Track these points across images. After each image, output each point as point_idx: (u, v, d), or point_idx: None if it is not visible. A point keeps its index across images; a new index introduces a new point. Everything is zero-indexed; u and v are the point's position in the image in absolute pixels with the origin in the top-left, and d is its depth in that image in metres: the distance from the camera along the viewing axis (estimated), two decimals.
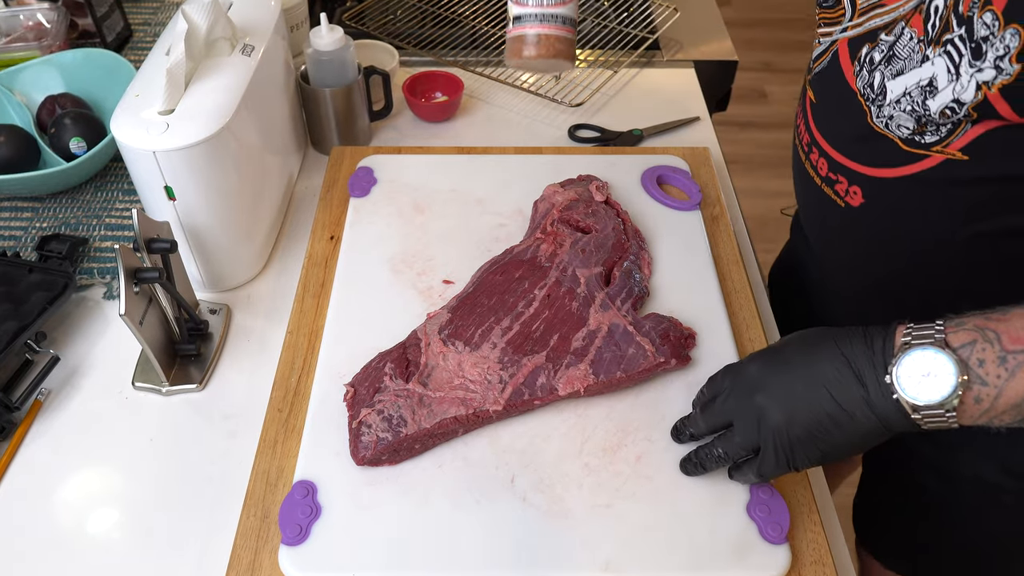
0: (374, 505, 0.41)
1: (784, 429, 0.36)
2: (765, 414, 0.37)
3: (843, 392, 0.35)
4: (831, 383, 0.35)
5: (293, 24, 0.72)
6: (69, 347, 0.52)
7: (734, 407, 0.39)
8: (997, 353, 0.33)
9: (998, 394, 0.33)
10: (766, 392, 0.37)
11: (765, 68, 1.92)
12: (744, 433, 0.38)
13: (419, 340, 0.47)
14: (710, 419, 0.40)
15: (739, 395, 0.39)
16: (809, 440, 0.36)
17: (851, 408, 0.34)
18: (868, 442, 0.36)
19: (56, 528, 0.43)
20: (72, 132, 0.61)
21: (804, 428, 0.36)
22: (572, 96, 0.71)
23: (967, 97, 0.35)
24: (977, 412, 0.33)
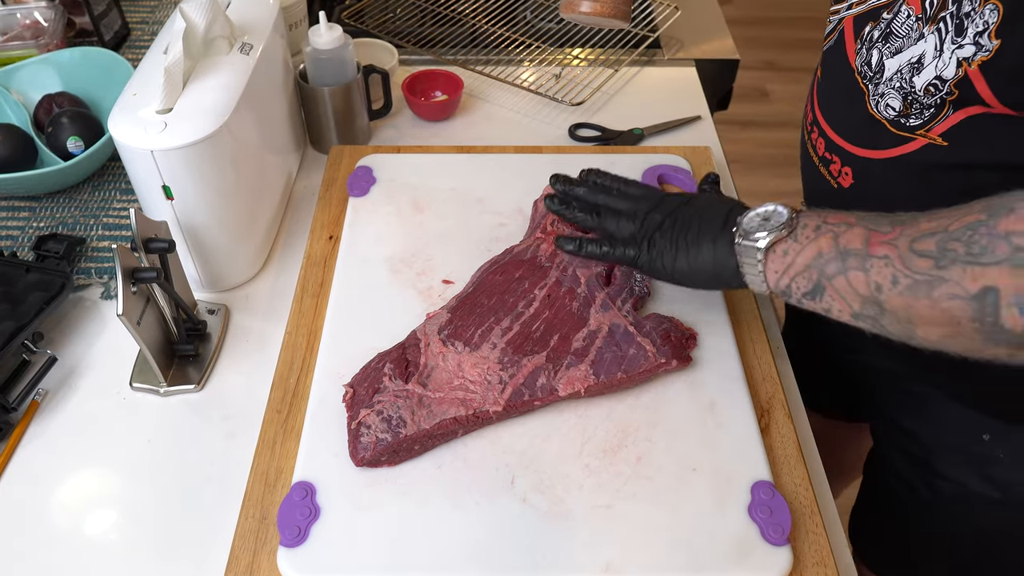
0: (373, 506, 0.41)
1: (655, 226, 0.42)
2: (655, 208, 0.43)
3: (711, 223, 0.41)
4: (708, 216, 0.41)
5: (292, 22, 0.72)
6: (66, 347, 0.52)
7: (640, 199, 0.44)
8: (818, 222, 0.37)
9: (800, 250, 0.37)
10: (667, 204, 0.43)
11: (767, 67, 1.92)
12: (629, 214, 0.44)
13: (418, 340, 0.46)
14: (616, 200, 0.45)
15: (649, 197, 0.45)
16: (661, 243, 0.42)
17: (706, 234, 0.41)
18: (700, 268, 0.41)
19: (54, 529, 0.43)
20: (69, 131, 0.61)
21: (668, 235, 0.42)
22: (572, 95, 0.71)
23: (948, 74, 0.35)
24: (781, 265, 0.38)
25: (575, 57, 0.77)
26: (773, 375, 0.48)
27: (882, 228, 0.35)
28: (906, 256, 0.33)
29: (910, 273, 0.33)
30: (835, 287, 0.36)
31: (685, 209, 0.43)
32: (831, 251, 0.36)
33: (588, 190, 0.47)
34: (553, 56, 0.76)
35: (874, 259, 0.34)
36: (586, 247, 0.45)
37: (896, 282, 0.33)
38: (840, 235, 0.36)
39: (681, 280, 0.43)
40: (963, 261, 0.31)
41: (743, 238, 0.39)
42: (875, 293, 0.34)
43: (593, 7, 0.49)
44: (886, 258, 0.34)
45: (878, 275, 0.34)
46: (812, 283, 0.36)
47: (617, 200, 0.45)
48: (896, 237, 0.34)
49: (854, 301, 0.35)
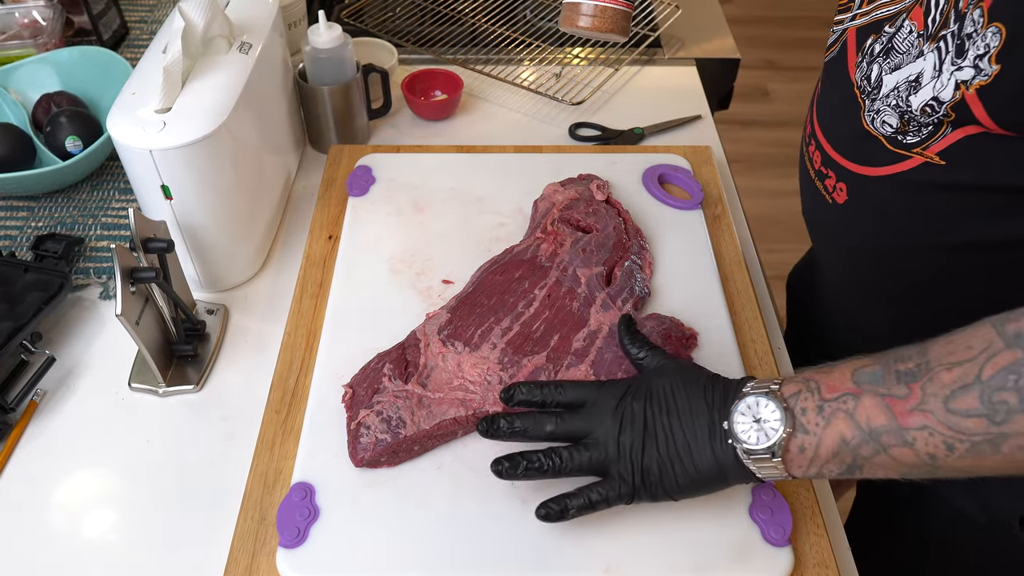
0: (373, 507, 0.41)
1: (638, 452, 0.36)
2: (623, 433, 0.37)
3: (695, 430, 0.36)
4: (687, 420, 0.36)
5: (291, 22, 0.72)
6: (65, 348, 0.51)
7: (598, 417, 0.37)
8: (816, 402, 0.33)
9: (818, 442, 0.33)
10: (628, 413, 0.37)
11: (768, 66, 1.92)
12: (597, 446, 0.37)
13: (418, 340, 0.46)
14: (570, 423, 0.38)
15: (606, 408, 0.38)
16: (656, 470, 0.36)
17: (697, 445, 0.36)
18: (705, 484, 0.36)
19: (52, 530, 0.43)
20: (68, 130, 0.61)
21: (654, 456, 0.36)
22: (572, 94, 0.71)
23: (945, 96, 0.35)
24: (804, 461, 0.34)
25: (575, 56, 0.76)
26: (774, 376, 0.47)
27: (895, 391, 0.31)
28: (948, 420, 0.30)
29: (964, 437, 0.30)
30: (876, 464, 0.32)
31: (656, 414, 0.37)
32: (856, 434, 0.32)
33: (529, 422, 0.38)
34: (553, 55, 0.76)
35: (912, 431, 0.31)
36: (569, 505, 0.37)
37: (952, 448, 0.30)
38: (853, 412, 0.32)
39: (686, 496, 0.37)
40: (1021, 410, 0.28)
41: (748, 454, 0.34)
42: (929, 461, 0.31)
43: (592, 22, 0.50)
44: (925, 428, 0.30)
45: (926, 446, 0.31)
46: (846, 465, 0.33)
47: (572, 423, 0.38)
48: (922, 400, 0.31)
49: (903, 469, 0.32)
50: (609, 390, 0.39)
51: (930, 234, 0.40)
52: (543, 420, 0.38)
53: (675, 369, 0.39)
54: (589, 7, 0.50)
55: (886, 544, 0.59)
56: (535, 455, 0.37)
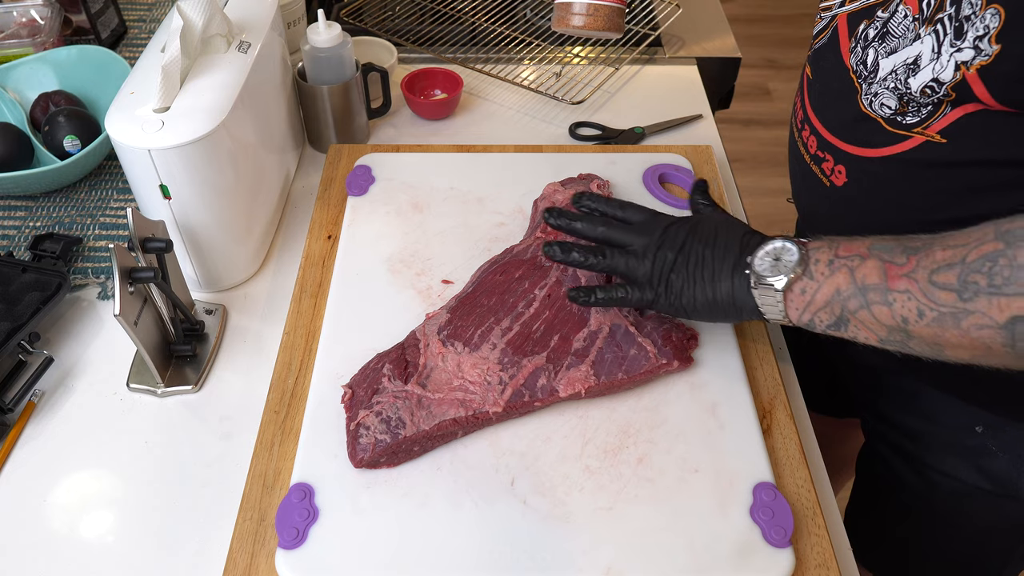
0: (372, 508, 0.40)
1: (668, 266, 0.42)
2: (661, 249, 0.42)
3: (723, 260, 0.41)
4: (719, 252, 0.41)
5: (290, 21, 0.72)
6: (63, 348, 0.51)
7: (644, 234, 0.43)
8: (829, 256, 0.37)
9: (818, 288, 0.37)
10: (671, 236, 0.42)
11: (769, 65, 1.92)
12: (635, 255, 0.42)
13: (418, 341, 0.46)
14: (619, 231, 0.43)
15: (653, 228, 0.43)
16: (679, 285, 0.41)
17: (720, 272, 0.40)
18: (718, 308, 0.41)
19: (50, 531, 0.42)
20: (66, 130, 0.61)
21: (681, 273, 0.41)
22: (573, 94, 0.71)
23: (945, 76, 0.36)
24: (801, 303, 0.38)
25: (575, 55, 0.76)
26: (775, 376, 0.47)
27: (896, 259, 0.35)
28: (927, 289, 0.34)
29: (935, 306, 0.33)
30: (859, 319, 0.36)
31: (694, 242, 0.42)
32: (849, 287, 0.36)
33: (586, 223, 0.44)
34: (553, 54, 0.76)
35: (895, 293, 0.34)
36: (597, 295, 0.43)
37: (922, 315, 0.34)
38: (855, 269, 0.36)
39: (700, 318, 0.43)
40: (987, 293, 0.32)
41: (759, 281, 0.39)
42: (901, 324, 0.35)
43: (586, 21, 0.50)
44: (907, 292, 0.34)
45: (902, 308, 0.34)
46: (835, 316, 0.37)
47: (620, 233, 0.44)
48: (913, 269, 0.34)
49: (880, 331, 0.36)
50: (662, 217, 0.44)
51: (933, 211, 0.41)
52: (598, 222, 0.44)
53: (724, 218, 0.44)
54: (581, 6, 0.50)
55: (886, 533, 0.59)
56: (582, 248, 0.43)
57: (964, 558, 0.56)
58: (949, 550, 0.56)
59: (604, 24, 0.51)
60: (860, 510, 0.62)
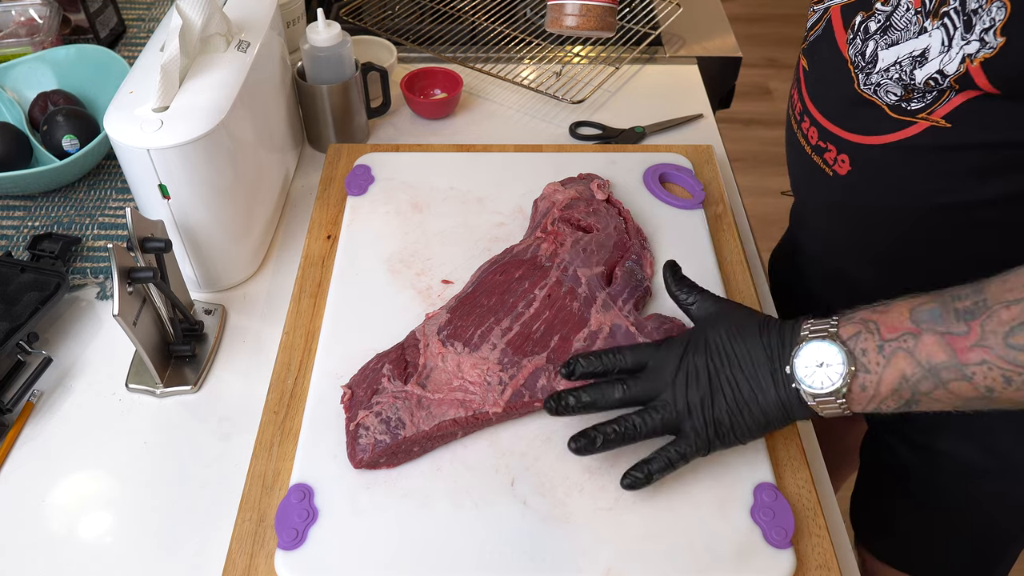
0: (372, 509, 0.40)
1: (708, 406, 0.38)
2: (690, 390, 0.38)
3: (758, 378, 0.38)
4: (749, 370, 0.38)
5: (289, 20, 0.71)
6: (62, 348, 0.51)
7: (662, 378, 0.39)
8: (876, 342, 0.35)
9: (879, 380, 0.35)
10: (692, 370, 0.39)
11: (769, 64, 1.91)
12: (667, 407, 0.38)
13: (417, 341, 0.46)
14: (637, 388, 0.39)
15: (668, 368, 0.39)
16: (728, 421, 0.38)
17: (762, 392, 0.38)
18: (772, 426, 0.39)
19: (48, 532, 0.42)
20: (65, 129, 0.60)
21: (724, 408, 0.38)
22: (573, 93, 0.70)
23: (951, 69, 0.36)
24: (864, 399, 0.36)
25: (575, 55, 0.76)
26: None
27: (955, 329, 0.33)
28: (1007, 354, 0.32)
29: (1022, 370, 0.32)
30: (934, 398, 0.34)
31: (717, 365, 0.38)
32: (916, 371, 0.34)
33: (598, 396, 0.39)
34: (553, 54, 0.76)
35: (971, 367, 0.33)
36: (652, 468, 0.38)
37: (1009, 381, 0.32)
38: (915, 351, 0.34)
39: (759, 437, 0.39)
40: None
41: (813, 397, 0.36)
42: (986, 394, 0.33)
43: (579, 21, 0.50)
44: (984, 363, 0.32)
45: (984, 379, 0.33)
46: (904, 400, 0.35)
47: (637, 390, 0.39)
48: (981, 337, 0.32)
49: (959, 403, 0.34)
50: (668, 349, 0.40)
51: (935, 194, 0.41)
52: (610, 389, 0.40)
53: (727, 316, 0.40)
54: (574, 7, 0.50)
55: (891, 518, 0.59)
56: (608, 426, 0.39)
57: (971, 542, 0.56)
58: (956, 534, 0.56)
59: (596, 24, 0.51)
60: (865, 499, 0.62)
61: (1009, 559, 0.57)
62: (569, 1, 0.51)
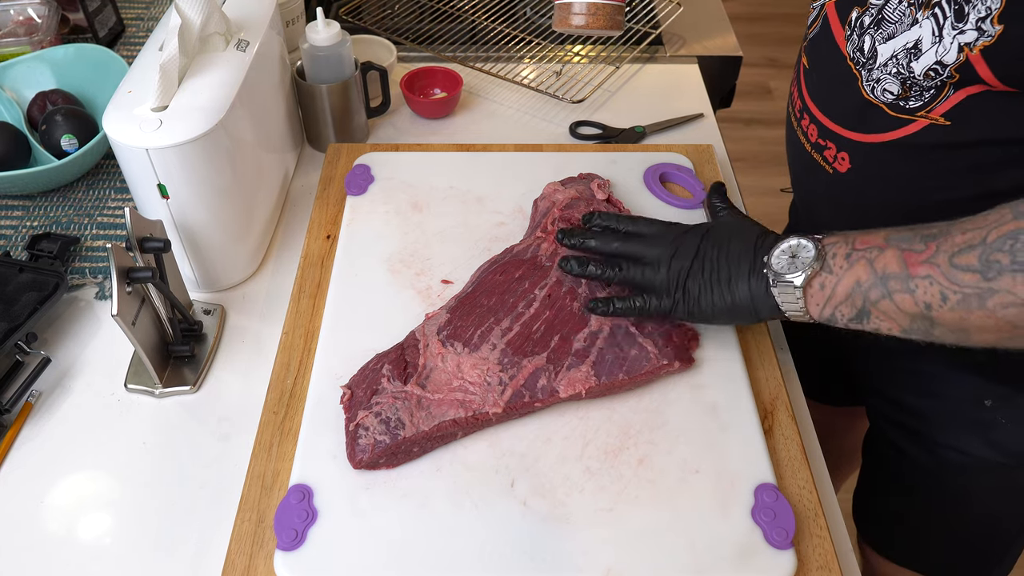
0: (371, 509, 0.40)
1: (684, 274, 0.42)
2: (676, 258, 0.43)
3: (739, 264, 0.41)
4: (734, 256, 0.41)
5: (289, 19, 0.71)
6: (60, 348, 0.51)
7: (658, 245, 0.43)
8: (847, 250, 0.38)
9: (837, 282, 0.37)
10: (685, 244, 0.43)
11: (770, 64, 1.91)
12: (651, 266, 0.43)
13: (417, 341, 0.46)
14: (633, 244, 0.44)
15: (667, 239, 0.44)
16: (696, 292, 0.42)
17: (737, 276, 0.41)
18: (737, 312, 0.41)
19: (47, 533, 0.42)
20: (63, 129, 0.60)
21: (698, 280, 0.42)
22: (573, 92, 0.70)
23: (949, 59, 0.36)
24: (821, 298, 0.38)
25: (576, 54, 0.76)
26: (776, 376, 0.47)
27: (915, 247, 0.35)
28: (949, 272, 0.34)
29: (958, 288, 0.33)
30: (881, 310, 0.36)
31: (708, 248, 0.42)
32: (870, 277, 0.36)
33: (600, 239, 0.45)
34: (553, 53, 0.75)
35: (917, 279, 0.34)
36: (615, 305, 0.44)
37: (945, 299, 0.34)
38: (875, 260, 0.36)
39: (719, 322, 0.43)
40: (1011, 270, 0.32)
41: (777, 279, 0.39)
42: (924, 311, 0.35)
43: (587, 20, 0.50)
44: (928, 277, 0.34)
45: (925, 294, 0.34)
46: (856, 309, 0.37)
47: (634, 246, 0.44)
48: (933, 254, 0.34)
49: (903, 320, 0.36)
50: (675, 226, 0.45)
51: (935, 191, 0.41)
52: (611, 238, 0.45)
53: (737, 221, 0.45)
54: (581, 6, 0.50)
55: (894, 514, 0.59)
56: (597, 262, 0.44)
57: (974, 536, 0.56)
58: (960, 528, 0.56)
59: (605, 23, 0.51)
60: (868, 494, 0.62)
61: (1013, 554, 0.57)
62: (577, 0, 0.50)
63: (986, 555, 0.57)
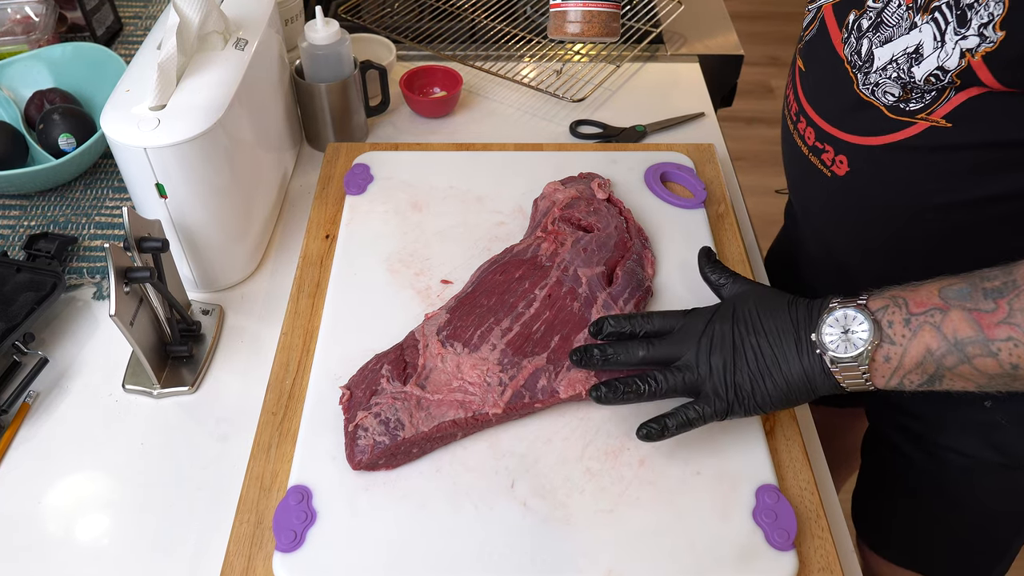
0: (371, 511, 0.40)
1: (730, 370, 0.39)
2: (714, 354, 0.39)
3: (782, 346, 0.38)
4: (774, 338, 0.38)
5: (287, 18, 0.71)
6: (58, 348, 0.51)
7: (687, 341, 0.40)
8: (903, 316, 0.36)
9: (904, 352, 0.35)
10: (718, 336, 0.39)
11: (771, 62, 1.91)
12: (690, 368, 0.39)
13: (417, 341, 0.46)
14: (660, 348, 0.40)
15: (693, 333, 0.40)
16: (748, 385, 0.38)
17: (785, 360, 0.38)
18: (794, 395, 0.38)
19: (44, 534, 0.42)
20: (61, 128, 0.60)
21: (745, 373, 0.38)
22: (574, 91, 0.70)
23: (951, 64, 0.36)
24: (888, 370, 0.36)
25: (576, 53, 0.76)
26: None
27: (982, 306, 0.34)
28: None
29: None
30: (958, 374, 0.35)
31: (745, 335, 0.39)
32: (941, 344, 0.34)
33: (623, 352, 0.41)
34: (554, 52, 0.75)
35: (997, 343, 0.33)
36: (668, 423, 0.39)
37: None
38: (941, 325, 0.35)
39: (778, 409, 0.39)
40: None
41: (835, 363, 0.36)
42: (1011, 371, 0.34)
43: (582, 28, 0.50)
44: (1011, 339, 0.33)
45: (1011, 356, 0.33)
46: (928, 375, 0.36)
47: (661, 349, 0.40)
48: (1009, 315, 0.33)
49: (981, 380, 0.35)
50: (695, 316, 0.41)
51: (935, 194, 0.41)
52: (635, 347, 0.41)
53: (757, 293, 0.41)
54: (576, 13, 0.50)
55: (893, 515, 0.59)
56: (631, 379, 0.40)
57: (972, 537, 0.56)
58: (959, 530, 0.56)
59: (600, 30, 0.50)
60: (868, 496, 0.62)
61: (1010, 555, 0.57)
62: (572, 8, 0.50)
63: (984, 555, 0.57)
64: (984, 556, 0.57)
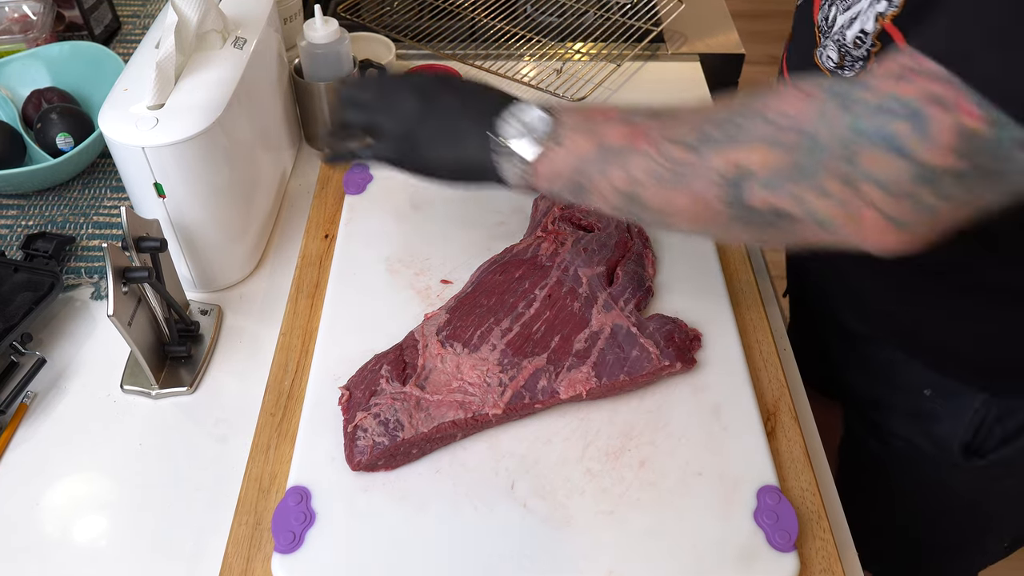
0: (370, 512, 0.40)
1: (416, 108, 0.39)
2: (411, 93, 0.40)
3: (475, 115, 0.38)
4: (472, 106, 0.38)
5: (286, 16, 0.71)
6: (56, 349, 0.51)
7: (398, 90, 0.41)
8: (577, 120, 0.36)
9: (566, 156, 0.35)
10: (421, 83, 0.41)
11: (772, 61, 1.90)
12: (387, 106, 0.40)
13: (416, 342, 0.46)
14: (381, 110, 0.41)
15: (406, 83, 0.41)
16: (430, 129, 0.39)
17: (469, 127, 0.38)
18: (465, 169, 0.39)
19: (42, 535, 0.42)
20: (59, 127, 0.60)
21: (432, 118, 0.39)
22: (574, 91, 0.70)
23: (869, 27, 0.37)
24: (550, 172, 0.36)
25: (576, 51, 0.75)
26: (779, 377, 0.47)
27: (637, 119, 0.34)
28: (663, 147, 0.32)
29: (668, 165, 0.32)
30: (596, 186, 0.35)
31: (444, 94, 0.39)
32: (593, 151, 0.34)
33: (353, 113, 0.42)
34: (554, 51, 0.75)
35: (635, 154, 0.33)
36: (349, 146, 0.41)
37: (656, 177, 0.32)
38: (601, 132, 0.34)
39: (442, 176, 0.40)
40: (719, 143, 0.30)
41: (506, 149, 0.37)
42: (635, 188, 0.33)
43: None
44: (646, 153, 0.33)
45: (637, 170, 0.33)
46: (576, 184, 0.36)
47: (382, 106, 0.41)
48: (653, 128, 0.33)
49: (613, 197, 0.35)
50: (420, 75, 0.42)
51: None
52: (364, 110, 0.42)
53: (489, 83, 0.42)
54: None
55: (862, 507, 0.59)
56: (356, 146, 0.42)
57: (923, 535, 0.55)
58: (910, 526, 0.55)
59: None
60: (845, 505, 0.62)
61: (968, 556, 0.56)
62: None
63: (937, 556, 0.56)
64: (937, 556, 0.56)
